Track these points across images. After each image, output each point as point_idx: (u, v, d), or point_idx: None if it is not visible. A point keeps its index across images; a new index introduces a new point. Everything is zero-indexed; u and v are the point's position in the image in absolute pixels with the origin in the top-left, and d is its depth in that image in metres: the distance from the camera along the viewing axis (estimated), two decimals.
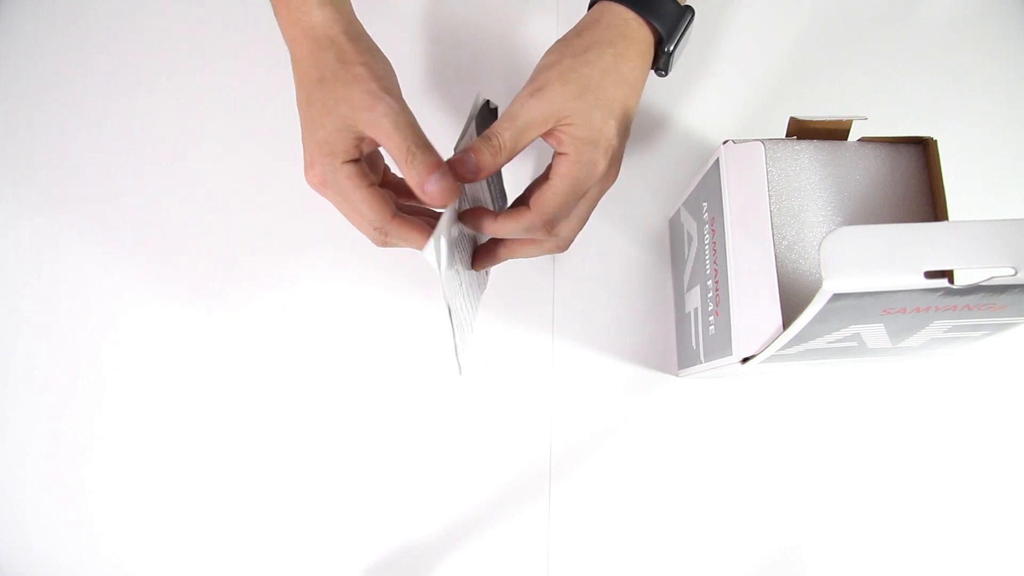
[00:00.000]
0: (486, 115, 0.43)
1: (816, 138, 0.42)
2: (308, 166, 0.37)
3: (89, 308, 0.54)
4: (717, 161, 0.41)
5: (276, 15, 0.40)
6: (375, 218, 0.37)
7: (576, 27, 0.41)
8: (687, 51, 0.51)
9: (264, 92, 0.57)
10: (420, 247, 0.37)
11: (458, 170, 0.37)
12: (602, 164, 0.38)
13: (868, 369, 0.52)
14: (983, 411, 0.52)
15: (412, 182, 0.36)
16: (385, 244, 0.38)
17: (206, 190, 0.55)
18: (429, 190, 0.35)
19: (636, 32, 0.40)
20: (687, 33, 0.42)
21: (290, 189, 0.55)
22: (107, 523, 0.51)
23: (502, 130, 0.37)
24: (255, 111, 0.57)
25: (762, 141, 0.40)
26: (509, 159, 0.38)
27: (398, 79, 0.39)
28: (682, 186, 0.50)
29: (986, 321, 0.33)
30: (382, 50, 0.40)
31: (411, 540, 0.50)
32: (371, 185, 0.37)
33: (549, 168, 0.39)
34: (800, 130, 0.41)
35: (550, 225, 0.39)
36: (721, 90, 0.58)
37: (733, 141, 0.41)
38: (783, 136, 0.42)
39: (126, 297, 0.54)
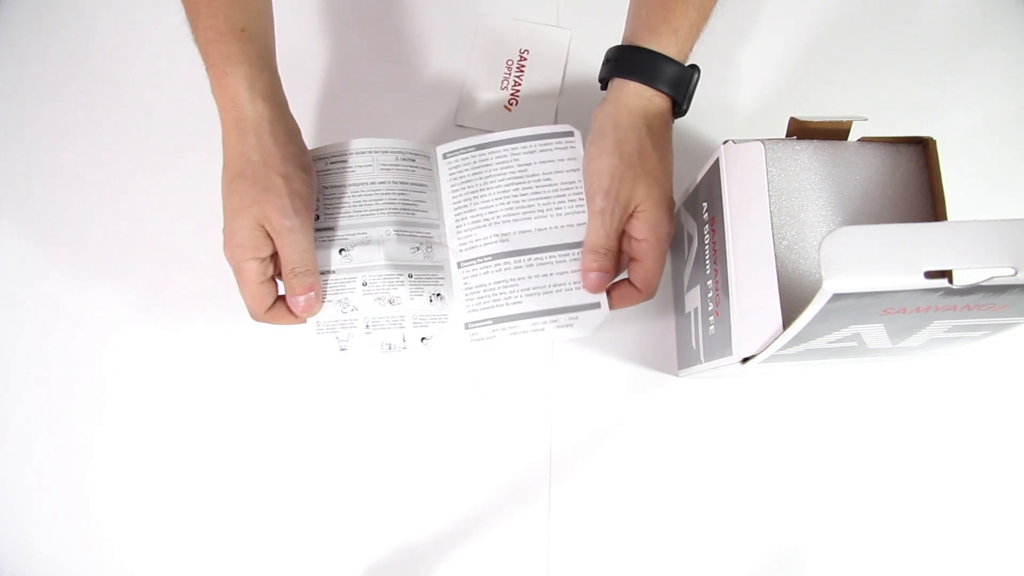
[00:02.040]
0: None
1: (816, 138, 0.42)
2: (226, 239, 0.43)
3: (90, 310, 0.54)
4: (717, 161, 0.41)
5: (213, 93, 0.43)
6: (252, 309, 0.44)
7: (607, 116, 0.45)
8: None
9: None
10: (295, 322, 0.46)
11: (589, 285, 0.46)
12: (669, 226, 0.45)
13: (868, 369, 0.52)
14: (983, 411, 0.52)
15: (288, 293, 0.44)
16: (255, 319, 0.45)
17: (204, 198, 0.55)
18: (300, 304, 0.44)
19: (659, 105, 0.45)
20: (695, 88, 0.47)
21: None
22: (107, 524, 0.51)
23: (604, 243, 0.45)
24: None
25: (762, 141, 0.40)
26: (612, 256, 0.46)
27: (315, 192, 0.45)
28: (682, 186, 0.50)
29: (986, 321, 0.33)
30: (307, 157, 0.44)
31: (411, 540, 0.50)
32: (262, 283, 0.43)
33: (624, 235, 0.45)
34: (800, 130, 0.41)
35: (653, 291, 0.46)
36: (721, 90, 0.58)
37: (733, 141, 0.41)
38: (783, 136, 0.42)
39: (126, 299, 0.54)
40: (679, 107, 0.46)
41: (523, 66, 0.58)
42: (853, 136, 0.42)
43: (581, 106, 0.56)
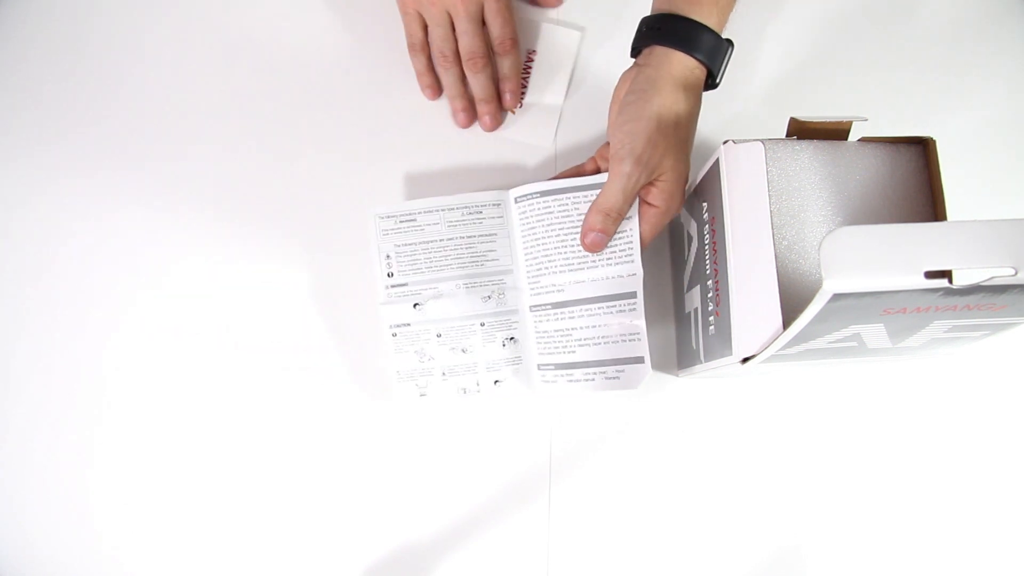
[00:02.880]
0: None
1: (816, 138, 0.42)
2: None
3: (89, 309, 0.54)
4: (717, 161, 0.41)
5: None
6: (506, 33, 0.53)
7: (649, 81, 0.45)
8: None
9: (263, 93, 0.57)
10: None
11: (588, 242, 0.46)
12: (681, 200, 0.46)
13: (868, 369, 0.52)
14: (983, 411, 0.52)
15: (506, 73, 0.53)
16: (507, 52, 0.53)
17: (205, 189, 0.55)
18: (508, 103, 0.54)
19: (697, 77, 0.45)
20: (728, 62, 0.47)
21: (288, 188, 0.55)
22: (108, 523, 0.51)
23: (619, 205, 0.45)
24: (255, 112, 0.56)
25: (762, 141, 0.40)
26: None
27: None
28: None
29: (986, 321, 0.33)
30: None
31: (411, 540, 0.50)
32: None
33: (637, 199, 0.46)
34: (800, 130, 0.41)
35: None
36: (721, 90, 0.57)
37: (733, 141, 0.41)
38: (783, 136, 0.42)
39: (125, 298, 0.54)
40: (713, 79, 0.46)
41: (529, 67, 0.57)
42: (853, 136, 0.42)
43: (589, 109, 0.56)
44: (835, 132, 0.41)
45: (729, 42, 0.46)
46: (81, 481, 0.51)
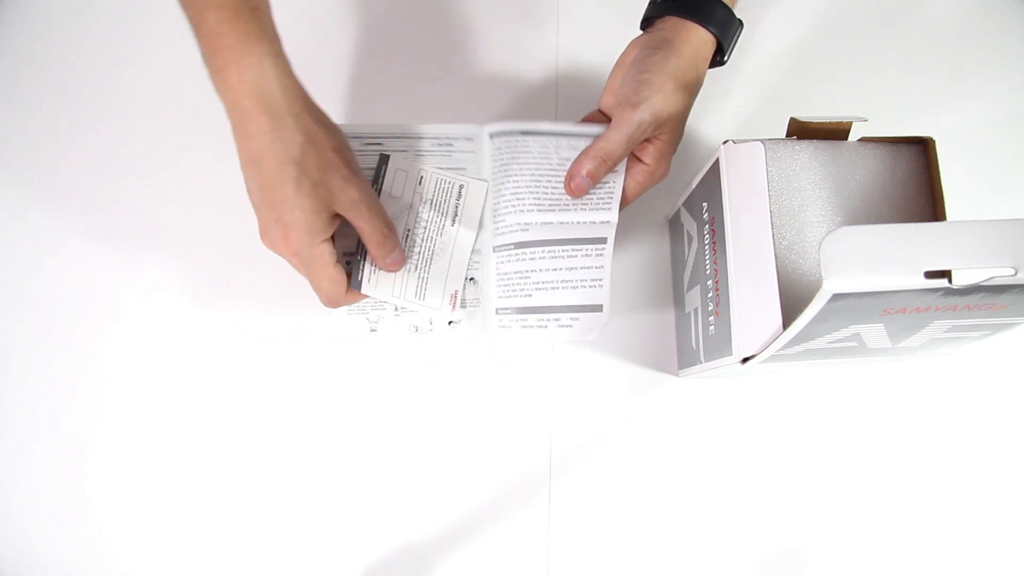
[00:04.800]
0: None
1: (816, 138, 0.42)
2: (286, 232, 0.40)
3: (88, 308, 0.54)
4: (717, 161, 0.41)
5: (218, 80, 0.39)
6: (333, 294, 0.43)
7: (683, 51, 0.44)
8: None
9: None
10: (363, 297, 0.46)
11: (573, 185, 0.45)
12: (668, 166, 0.46)
13: (868, 369, 0.52)
14: (983, 411, 0.52)
15: (378, 256, 0.44)
16: (332, 306, 0.44)
17: (205, 189, 0.55)
18: (390, 263, 0.45)
19: (709, 50, 0.45)
20: (737, 40, 0.47)
21: None
22: (107, 523, 0.51)
23: (618, 153, 0.44)
24: None
25: (762, 141, 0.40)
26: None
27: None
28: (682, 186, 0.50)
29: (986, 321, 0.33)
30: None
31: (411, 540, 0.50)
32: (335, 264, 0.42)
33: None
34: (800, 130, 0.41)
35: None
36: (721, 90, 0.58)
37: (733, 141, 0.41)
38: (783, 136, 0.42)
39: (125, 298, 0.54)
40: (721, 55, 0.46)
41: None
42: (853, 136, 0.42)
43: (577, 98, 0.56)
44: (835, 132, 0.41)
45: (740, 21, 0.46)
46: (80, 480, 0.51)
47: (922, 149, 0.41)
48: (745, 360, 0.38)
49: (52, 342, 0.53)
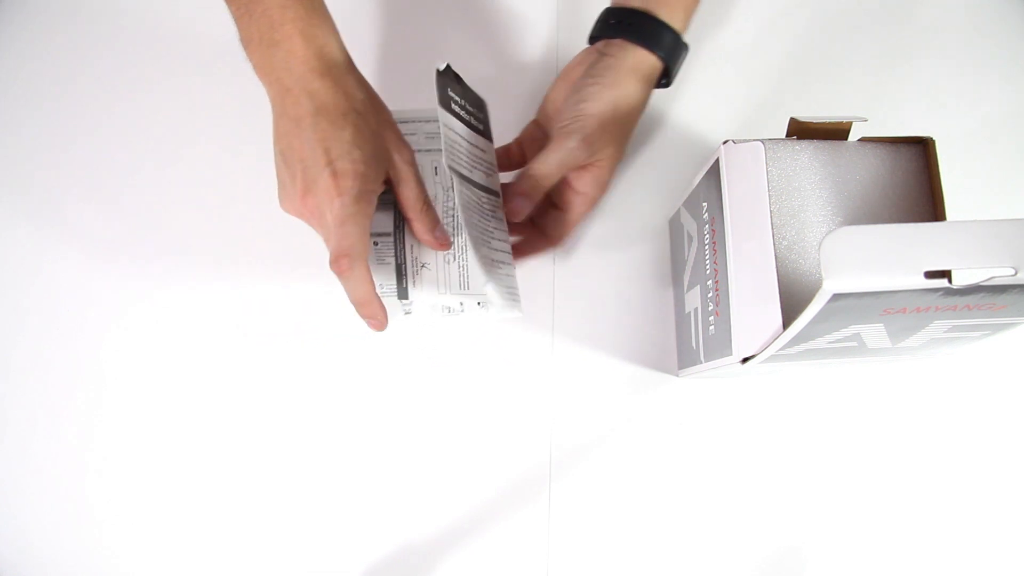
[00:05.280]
0: (450, 80, 0.45)
1: (816, 138, 0.42)
2: (326, 180, 0.38)
3: (88, 308, 0.54)
4: (717, 161, 0.41)
5: (275, 53, 0.40)
6: (354, 248, 0.38)
7: (613, 70, 0.45)
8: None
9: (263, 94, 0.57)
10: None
11: (512, 208, 0.45)
12: (606, 189, 0.47)
13: (868, 369, 0.52)
14: (983, 411, 0.52)
15: (422, 227, 0.43)
16: (343, 262, 0.38)
17: (205, 190, 0.55)
18: (438, 236, 0.44)
19: (655, 74, 0.46)
20: (682, 65, 0.49)
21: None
22: (107, 523, 0.51)
23: (553, 175, 0.44)
24: (254, 112, 0.56)
25: (762, 141, 0.40)
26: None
27: None
28: (682, 186, 0.50)
29: (986, 321, 0.33)
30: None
31: (411, 540, 0.50)
32: (369, 223, 0.39)
33: (562, 183, 0.46)
34: (800, 131, 0.41)
35: (563, 242, 0.49)
36: (721, 90, 0.58)
37: (733, 141, 0.41)
38: (783, 136, 0.42)
39: (125, 298, 0.54)
40: (666, 79, 0.48)
41: None
42: (853, 136, 0.42)
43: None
44: (835, 132, 0.41)
45: (686, 45, 0.48)
46: (80, 480, 0.51)
47: (922, 149, 0.41)
48: (745, 360, 0.38)
49: (52, 342, 0.53)
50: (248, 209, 0.55)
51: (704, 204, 0.44)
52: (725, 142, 0.41)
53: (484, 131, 0.48)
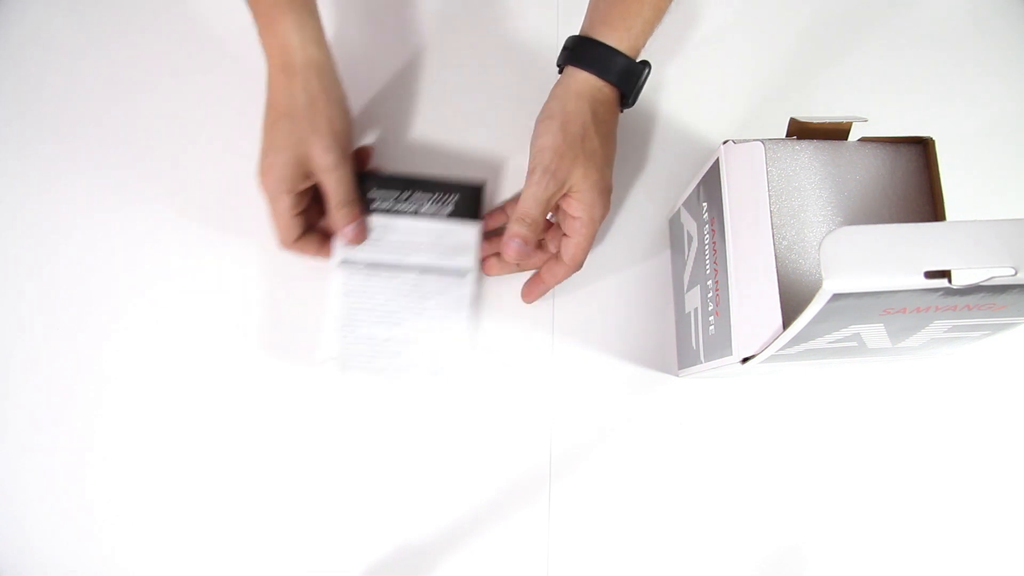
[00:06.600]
0: (374, 182, 0.51)
1: (816, 138, 0.42)
2: (264, 172, 0.46)
3: (88, 308, 0.54)
4: (717, 161, 0.41)
5: (260, 39, 0.46)
6: (283, 239, 0.49)
7: (557, 99, 0.48)
8: (687, 51, 0.51)
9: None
10: (318, 255, 0.51)
11: (508, 253, 0.49)
12: (604, 209, 0.48)
13: (868, 369, 0.52)
14: (983, 411, 0.52)
15: (337, 221, 0.49)
16: (283, 247, 0.50)
17: (205, 191, 0.55)
18: (349, 232, 0.49)
19: (607, 95, 0.48)
20: (644, 82, 0.50)
21: None
22: (107, 523, 0.51)
23: (533, 211, 0.47)
24: (255, 111, 0.56)
25: (762, 141, 0.40)
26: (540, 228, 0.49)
27: (353, 133, 0.49)
28: (682, 186, 0.50)
29: (986, 321, 0.33)
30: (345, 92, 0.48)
31: (411, 540, 0.50)
32: (293, 216, 0.47)
33: (560, 213, 0.49)
34: (800, 130, 0.41)
35: (580, 264, 0.50)
36: (721, 90, 0.58)
37: (733, 141, 0.41)
38: (783, 136, 0.42)
39: (125, 298, 0.54)
40: (626, 99, 0.49)
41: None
42: (853, 136, 0.42)
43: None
44: (835, 132, 0.41)
45: (645, 64, 0.49)
46: (80, 481, 0.51)
47: (922, 149, 0.41)
48: (745, 360, 0.38)
49: (52, 342, 0.53)
50: (248, 209, 0.55)
51: (704, 204, 0.44)
52: (725, 142, 0.41)
53: (440, 213, 0.51)
